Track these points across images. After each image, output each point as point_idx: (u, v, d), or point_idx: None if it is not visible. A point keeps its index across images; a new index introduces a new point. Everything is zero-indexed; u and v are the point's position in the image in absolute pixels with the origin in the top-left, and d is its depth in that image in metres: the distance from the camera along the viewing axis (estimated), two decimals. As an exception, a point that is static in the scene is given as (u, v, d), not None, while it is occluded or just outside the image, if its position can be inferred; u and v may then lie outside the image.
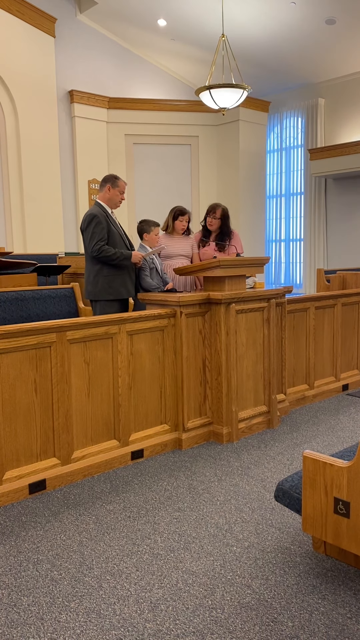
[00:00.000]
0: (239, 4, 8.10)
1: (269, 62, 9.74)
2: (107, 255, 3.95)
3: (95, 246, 3.93)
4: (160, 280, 4.42)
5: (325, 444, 3.85)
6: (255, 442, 3.92)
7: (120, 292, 4.09)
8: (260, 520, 2.79)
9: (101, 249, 3.94)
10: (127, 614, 2.09)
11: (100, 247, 3.93)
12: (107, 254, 3.95)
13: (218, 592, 2.21)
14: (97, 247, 3.93)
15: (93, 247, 3.94)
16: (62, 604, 2.16)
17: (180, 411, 3.80)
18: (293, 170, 11.02)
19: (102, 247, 3.94)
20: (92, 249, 3.94)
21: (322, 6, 7.96)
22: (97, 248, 3.93)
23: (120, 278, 4.08)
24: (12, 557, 2.50)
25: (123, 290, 4.10)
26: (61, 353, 3.20)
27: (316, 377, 4.94)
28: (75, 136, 9.58)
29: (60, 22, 9.20)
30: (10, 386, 3.01)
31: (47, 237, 8.99)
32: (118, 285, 4.07)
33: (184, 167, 10.64)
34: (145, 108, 10.09)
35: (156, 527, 2.74)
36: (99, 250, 3.93)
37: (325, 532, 2.21)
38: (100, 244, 3.94)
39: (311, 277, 10.60)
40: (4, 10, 8.28)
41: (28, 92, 8.66)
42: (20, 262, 5.13)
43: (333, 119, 10.31)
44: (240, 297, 3.92)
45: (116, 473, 3.41)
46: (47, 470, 3.18)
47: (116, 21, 9.41)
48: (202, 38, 9.27)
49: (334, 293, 5.05)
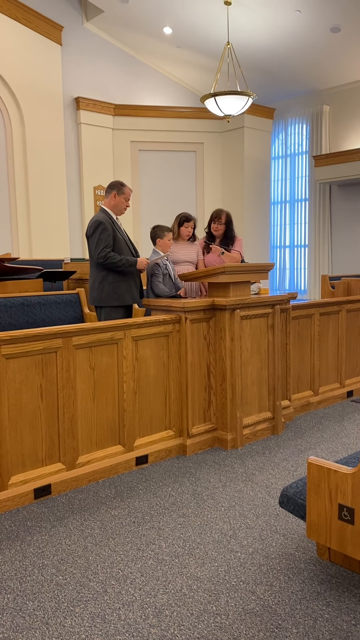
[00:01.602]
0: (244, 12, 8.16)
1: (274, 69, 9.79)
2: (113, 262, 3.96)
3: (101, 253, 3.94)
4: (172, 286, 4.43)
5: (329, 450, 3.85)
6: (260, 448, 3.92)
7: (125, 298, 4.11)
8: (264, 526, 2.79)
9: (107, 256, 3.95)
10: (131, 619, 2.09)
11: (106, 253, 3.95)
12: (113, 260, 3.96)
13: (222, 598, 2.22)
14: (103, 254, 3.94)
15: (99, 254, 3.95)
16: (67, 609, 2.16)
17: (185, 417, 3.80)
18: (298, 177, 11.05)
19: (108, 253, 3.96)
20: (98, 256, 3.95)
21: (327, 14, 8.00)
22: (103, 255, 3.94)
23: (125, 284, 4.09)
24: (17, 561, 2.51)
25: (128, 297, 4.12)
26: (67, 358, 3.22)
27: (321, 383, 4.94)
28: (81, 143, 9.64)
29: (67, 30, 9.28)
30: (17, 391, 3.03)
31: (52, 243, 9.04)
32: (123, 291, 4.09)
33: (189, 174, 10.68)
34: (150, 115, 10.15)
35: (161, 533, 2.75)
36: (105, 257, 3.95)
37: (329, 538, 2.21)
38: (106, 251, 3.95)
39: (316, 284, 10.60)
40: (12, 18, 8.37)
41: (35, 99, 8.74)
42: (26, 268, 5.16)
43: (338, 125, 10.34)
44: (245, 303, 3.93)
45: (121, 478, 3.42)
46: (53, 475, 3.19)
47: (122, 29, 9.49)
48: (207, 46, 9.33)
49: (339, 299, 5.05)
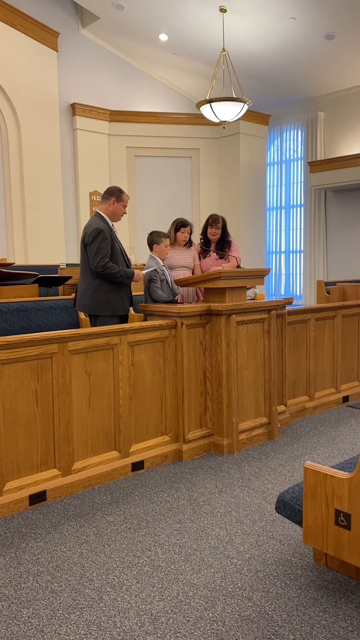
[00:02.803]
0: (240, 19, 8.21)
1: (269, 76, 9.84)
2: (111, 272, 3.93)
3: (101, 262, 3.90)
4: (170, 292, 4.44)
5: (325, 455, 3.84)
6: (256, 453, 3.92)
7: (118, 309, 4.08)
8: (261, 532, 2.79)
9: (106, 266, 3.91)
10: (127, 627, 2.08)
11: (105, 263, 3.91)
12: (112, 271, 3.94)
13: (219, 604, 2.20)
14: (102, 264, 3.90)
15: (98, 263, 3.91)
16: (62, 616, 2.15)
17: (181, 422, 3.80)
18: (293, 183, 11.09)
19: (107, 263, 3.92)
20: (97, 265, 3.91)
21: (322, 22, 8.06)
22: (102, 264, 3.91)
23: (118, 294, 4.07)
24: (12, 568, 2.49)
25: (120, 307, 4.09)
26: (62, 364, 3.21)
27: (316, 388, 4.94)
28: (77, 148, 9.65)
29: (63, 37, 9.31)
30: (12, 396, 3.02)
31: (48, 249, 9.03)
32: (116, 301, 4.06)
33: (184, 180, 10.70)
34: (146, 121, 10.18)
35: (157, 539, 2.73)
36: (104, 267, 3.91)
37: (326, 544, 2.21)
38: (106, 260, 3.91)
39: (311, 289, 10.62)
40: (8, 24, 8.39)
41: (31, 105, 8.75)
42: (22, 273, 5.15)
43: (332, 132, 10.40)
44: (240, 309, 3.93)
45: (117, 484, 3.40)
46: (48, 482, 3.17)
47: (118, 36, 9.52)
48: (203, 52, 9.38)
49: (334, 305, 5.07)
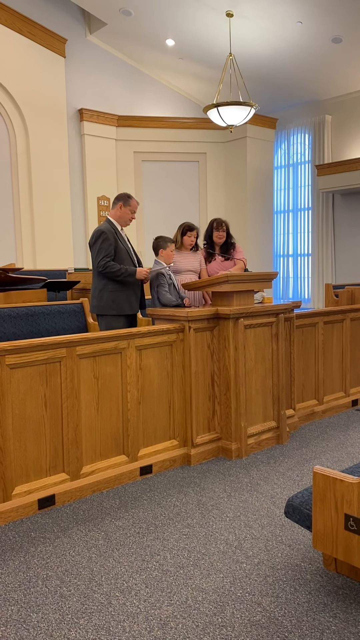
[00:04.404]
0: (246, 24, 8.23)
1: (276, 79, 9.85)
2: (112, 271, 4.01)
3: (102, 261, 4.00)
4: (177, 296, 4.46)
5: (334, 459, 3.82)
6: (265, 457, 3.90)
7: (124, 308, 4.12)
8: (270, 536, 2.77)
9: (106, 265, 4.00)
10: (136, 632, 2.07)
11: (105, 262, 4.00)
12: (112, 269, 4.01)
13: (228, 609, 2.19)
14: (103, 263, 4.00)
15: (99, 262, 4.01)
16: (71, 621, 2.15)
17: (189, 426, 3.79)
18: (300, 186, 11.08)
19: (108, 262, 4.01)
20: (98, 264, 4.02)
21: (328, 25, 8.07)
22: (102, 263, 4.00)
23: (124, 294, 4.12)
24: (21, 573, 2.50)
25: (126, 307, 4.13)
26: (71, 368, 3.22)
27: (325, 392, 4.92)
28: (85, 154, 9.71)
29: (71, 43, 9.38)
30: (21, 401, 3.03)
31: (56, 253, 9.07)
32: (122, 301, 4.11)
33: (191, 184, 10.72)
34: (153, 126, 10.21)
35: (165, 544, 2.73)
36: (105, 266, 4.00)
37: (336, 549, 2.19)
38: (106, 260, 4.01)
39: (319, 292, 10.59)
40: (16, 31, 8.47)
41: (39, 110, 8.82)
42: (30, 278, 5.17)
43: (340, 135, 10.38)
44: (248, 312, 3.93)
45: (125, 489, 3.40)
46: (57, 486, 3.18)
47: (125, 41, 9.58)
48: (209, 57, 9.41)
49: (343, 308, 5.05)
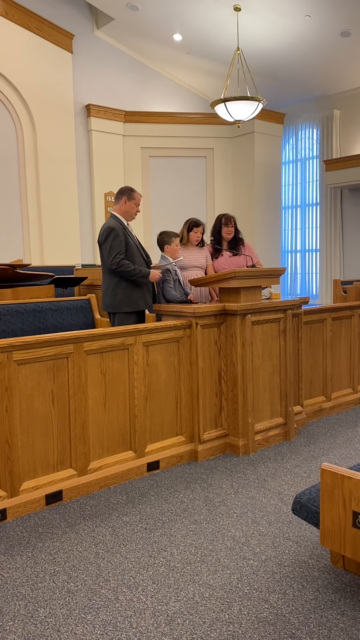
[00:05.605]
0: (254, 18, 8.17)
1: (284, 74, 9.78)
2: (126, 270, 3.97)
3: (115, 259, 3.95)
4: (182, 292, 4.45)
5: (342, 456, 3.81)
6: (272, 454, 3.89)
7: (139, 304, 4.11)
8: (277, 533, 2.77)
9: (120, 263, 3.95)
10: (143, 627, 2.08)
11: (119, 260, 3.95)
12: (127, 269, 3.97)
13: (235, 606, 2.19)
14: (117, 261, 3.95)
15: (112, 260, 3.95)
16: (78, 616, 2.15)
17: (196, 422, 3.79)
18: (308, 181, 11.01)
19: (121, 260, 3.96)
20: (111, 262, 3.96)
21: (337, 19, 7.99)
22: (116, 261, 3.95)
23: (139, 290, 4.10)
24: (28, 568, 2.51)
25: (141, 303, 4.13)
26: (78, 364, 3.22)
27: (333, 388, 4.90)
28: (92, 149, 9.69)
29: (78, 38, 9.35)
30: (28, 397, 3.04)
31: (64, 249, 9.08)
32: (137, 297, 4.10)
33: (199, 179, 10.69)
34: (161, 121, 10.18)
35: (172, 540, 2.73)
36: (118, 264, 3.95)
37: (343, 546, 2.18)
38: (120, 257, 3.96)
39: (327, 288, 10.53)
40: (23, 27, 8.46)
41: (46, 106, 8.81)
42: (38, 274, 5.18)
43: (348, 130, 10.30)
44: (256, 308, 3.91)
45: (132, 484, 3.40)
46: (64, 481, 3.18)
47: (132, 36, 9.54)
48: (217, 52, 9.35)
49: (351, 304, 5.01)
